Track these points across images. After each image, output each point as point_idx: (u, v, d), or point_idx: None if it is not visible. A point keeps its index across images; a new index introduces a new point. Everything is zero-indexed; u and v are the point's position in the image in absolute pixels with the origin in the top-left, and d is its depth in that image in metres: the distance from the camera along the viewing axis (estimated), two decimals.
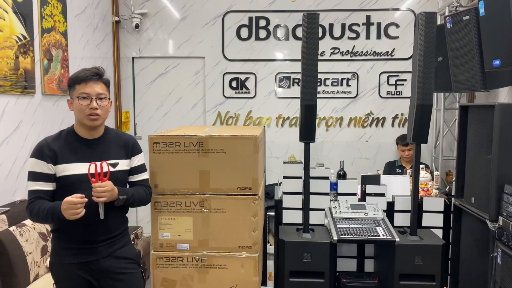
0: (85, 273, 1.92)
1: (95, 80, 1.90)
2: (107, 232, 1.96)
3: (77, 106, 1.89)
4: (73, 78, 1.91)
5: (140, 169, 2.07)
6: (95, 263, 1.93)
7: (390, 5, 4.68)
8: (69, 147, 1.90)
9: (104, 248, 1.95)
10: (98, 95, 1.90)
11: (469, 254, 2.84)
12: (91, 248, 1.92)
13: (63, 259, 1.91)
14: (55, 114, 3.51)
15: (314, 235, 2.68)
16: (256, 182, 2.10)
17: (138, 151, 2.08)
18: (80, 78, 1.89)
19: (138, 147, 2.09)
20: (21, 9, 3.04)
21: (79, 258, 1.91)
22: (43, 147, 1.87)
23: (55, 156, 1.86)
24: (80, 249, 1.91)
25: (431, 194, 3.01)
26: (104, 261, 1.94)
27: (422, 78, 2.51)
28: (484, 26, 2.80)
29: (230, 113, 4.86)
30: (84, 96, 1.88)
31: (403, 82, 4.72)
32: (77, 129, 1.95)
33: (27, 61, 3.11)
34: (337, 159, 3.74)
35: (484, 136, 2.65)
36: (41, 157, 1.86)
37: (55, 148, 1.87)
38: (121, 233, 2.04)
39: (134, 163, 2.05)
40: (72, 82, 1.91)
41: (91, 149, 1.93)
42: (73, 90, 1.91)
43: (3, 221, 2.59)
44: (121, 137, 2.06)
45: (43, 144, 1.89)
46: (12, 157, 2.99)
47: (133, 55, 4.90)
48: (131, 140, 2.07)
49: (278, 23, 4.77)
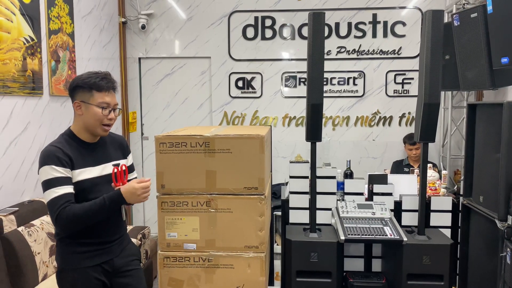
0: (100, 275, 1.92)
1: (113, 90, 1.92)
2: (119, 231, 2.01)
3: (95, 114, 1.85)
4: (91, 84, 1.85)
5: (132, 167, 2.16)
6: (110, 262, 1.95)
7: (396, 3, 4.65)
8: (77, 152, 1.88)
9: (116, 247, 1.98)
10: (115, 105, 1.93)
11: (477, 254, 2.81)
12: (107, 248, 1.94)
13: (79, 264, 1.88)
14: (63, 115, 3.53)
15: (321, 235, 2.67)
16: (262, 182, 2.09)
17: (129, 150, 2.17)
18: (102, 87, 1.86)
19: (129, 146, 2.18)
20: (28, 11, 3.06)
21: (96, 259, 1.91)
22: (57, 153, 1.80)
23: (71, 161, 1.82)
24: (97, 250, 1.92)
25: (439, 193, 2.99)
26: (117, 260, 1.97)
27: (429, 77, 2.49)
28: (492, 24, 2.78)
29: (236, 113, 4.86)
30: (105, 107, 1.87)
31: (410, 80, 4.69)
32: (79, 133, 1.91)
33: (34, 63, 3.13)
34: (344, 158, 3.73)
35: (492, 134, 2.62)
36: (59, 163, 1.78)
37: (69, 153, 1.83)
38: (125, 230, 2.11)
39: (129, 162, 2.11)
40: (88, 86, 1.85)
41: (95, 152, 1.94)
42: (90, 96, 1.85)
43: (12, 222, 2.61)
44: (114, 138, 2.10)
45: (56, 150, 1.81)
46: (20, 158, 3.01)
47: (140, 56, 4.92)
48: (124, 140, 2.15)
49: (284, 22, 4.76)
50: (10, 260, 2.50)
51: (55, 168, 1.77)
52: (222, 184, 2.10)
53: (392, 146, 4.74)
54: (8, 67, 2.83)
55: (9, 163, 2.89)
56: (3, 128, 2.84)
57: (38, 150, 3.20)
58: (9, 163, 2.89)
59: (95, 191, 1.85)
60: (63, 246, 1.91)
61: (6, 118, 2.86)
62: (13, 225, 2.61)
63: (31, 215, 2.80)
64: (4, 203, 2.82)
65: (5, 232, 2.53)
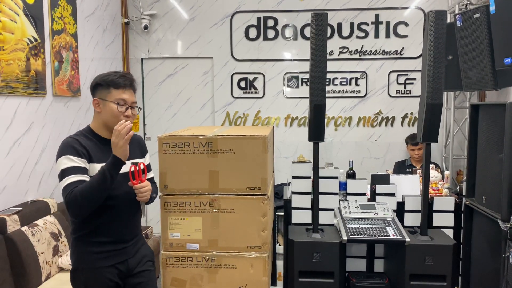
0: (114, 276, 1.91)
1: (131, 88, 1.93)
2: (134, 232, 2.01)
3: (112, 110, 1.86)
4: (109, 81, 1.87)
5: (149, 167, 2.14)
6: (125, 263, 1.94)
7: (399, 3, 4.65)
8: (96, 147, 1.88)
9: (131, 248, 1.97)
10: (133, 103, 1.93)
11: (480, 255, 2.81)
12: (122, 249, 1.93)
13: (93, 264, 1.87)
14: (66, 115, 3.54)
15: (323, 235, 2.67)
16: (265, 182, 2.09)
17: (147, 149, 2.16)
18: (119, 84, 1.87)
19: (146, 145, 2.17)
20: (32, 12, 3.07)
21: (111, 260, 1.90)
22: (74, 143, 1.80)
23: (88, 154, 1.82)
24: (112, 251, 1.90)
25: (442, 193, 2.98)
26: (131, 261, 1.96)
27: (432, 77, 2.49)
28: (495, 24, 2.77)
29: (238, 113, 4.87)
30: (122, 103, 1.88)
31: (413, 81, 4.69)
32: (98, 129, 1.92)
33: (38, 63, 3.15)
34: (346, 158, 3.73)
35: (495, 135, 2.62)
36: (76, 153, 1.78)
37: (86, 145, 1.83)
38: (140, 231, 2.10)
39: (147, 161, 2.11)
40: (106, 84, 1.87)
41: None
42: (108, 93, 1.87)
43: (15, 221, 2.62)
44: (133, 137, 2.07)
45: (72, 141, 1.81)
46: (24, 158, 3.02)
47: (142, 56, 4.93)
48: (141, 139, 2.15)
49: (287, 23, 4.77)
50: (13, 260, 2.51)
51: (71, 158, 1.78)
52: (225, 184, 2.10)
53: (394, 146, 4.74)
54: (11, 67, 2.84)
55: (12, 163, 2.91)
56: (7, 128, 2.85)
57: (42, 150, 3.21)
58: (12, 163, 2.91)
59: (113, 188, 1.82)
60: (79, 245, 1.90)
61: (9, 118, 2.88)
62: (16, 225, 2.62)
63: (34, 215, 2.82)
64: (7, 203, 2.83)
65: (8, 232, 2.54)
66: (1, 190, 2.81)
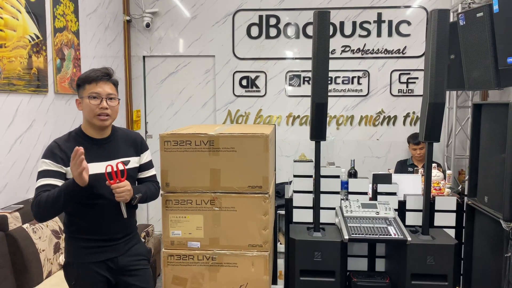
0: (104, 271, 1.94)
1: (105, 80, 1.91)
2: (125, 230, 2.00)
3: (87, 105, 1.88)
4: (83, 78, 1.91)
5: (149, 165, 2.12)
6: (114, 260, 1.95)
7: (401, 2, 4.63)
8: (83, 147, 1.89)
9: (122, 246, 1.98)
10: (108, 95, 1.91)
11: (482, 254, 2.80)
12: (112, 246, 1.95)
13: (83, 258, 1.92)
14: (68, 113, 3.54)
15: (324, 234, 2.67)
16: (266, 181, 2.09)
17: (146, 147, 2.12)
18: (90, 78, 1.89)
19: (145, 143, 2.13)
20: (34, 9, 3.07)
21: (100, 256, 1.93)
22: (54, 149, 1.86)
23: (67, 158, 1.85)
24: (101, 247, 1.93)
25: (443, 193, 2.98)
26: (122, 258, 1.97)
27: (434, 76, 2.48)
28: (498, 23, 2.76)
29: (240, 111, 4.87)
30: (94, 96, 1.88)
31: (415, 80, 4.68)
32: (85, 129, 1.95)
33: (40, 61, 3.15)
34: (348, 157, 3.72)
35: (497, 134, 2.61)
36: (53, 158, 1.85)
37: (66, 150, 1.86)
38: (135, 230, 2.09)
39: (143, 160, 2.08)
40: (82, 81, 1.91)
41: (102, 149, 1.94)
42: (83, 89, 1.90)
43: (17, 219, 2.62)
44: (128, 134, 2.09)
45: (53, 146, 1.88)
46: (25, 156, 3.03)
47: (144, 54, 4.93)
48: (139, 137, 2.11)
49: (289, 21, 4.76)
50: (14, 257, 2.52)
51: (46, 162, 1.85)
52: (226, 183, 2.10)
53: (396, 145, 4.73)
54: (13, 64, 2.84)
55: (14, 161, 2.91)
56: (9, 126, 2.85)
57: (43, 147, 3.20)
58: (14, 161, 2.91)
59: (99, 187, 1.85)
60: (70, 240, 1.95)
61: (11, 116, 2.88)
62: (18, 222, 2.62)
63: None
64: (9, 201, 2.83)
65: (10, 229, 2.55)
66: (3, 188, 2.81)
